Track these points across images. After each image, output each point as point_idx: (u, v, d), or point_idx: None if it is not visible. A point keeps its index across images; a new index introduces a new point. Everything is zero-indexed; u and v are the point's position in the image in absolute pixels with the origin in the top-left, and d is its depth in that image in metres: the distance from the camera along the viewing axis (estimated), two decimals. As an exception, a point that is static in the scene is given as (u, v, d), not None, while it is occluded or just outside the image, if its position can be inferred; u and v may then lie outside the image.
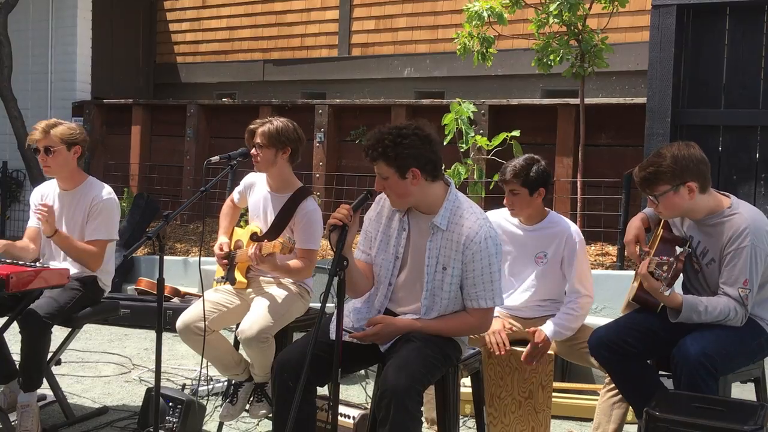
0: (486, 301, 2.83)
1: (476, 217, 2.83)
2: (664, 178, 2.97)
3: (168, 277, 3.47)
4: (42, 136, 3.84)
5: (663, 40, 5.84)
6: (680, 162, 2.97)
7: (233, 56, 9.85)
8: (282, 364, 2.84)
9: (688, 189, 2.97)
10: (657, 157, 3.02)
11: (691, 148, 3.02)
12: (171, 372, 4.88)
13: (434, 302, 2.86)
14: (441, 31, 8.36)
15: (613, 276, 5.71)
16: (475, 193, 5.89)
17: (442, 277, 2.83)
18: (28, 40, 9.51)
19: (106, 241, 3.89)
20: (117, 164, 9.11)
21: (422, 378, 2.67)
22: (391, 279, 2.94)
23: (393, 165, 2.75)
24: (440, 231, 2.83)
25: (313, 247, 3.60)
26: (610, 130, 6.77)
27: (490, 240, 2.80)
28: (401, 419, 2.56)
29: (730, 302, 2.93)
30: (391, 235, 2.94)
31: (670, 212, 3.07)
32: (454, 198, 2.87)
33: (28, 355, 3.60)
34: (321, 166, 7.86)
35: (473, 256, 2.78)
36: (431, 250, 2.84)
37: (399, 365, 2.67)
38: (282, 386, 2.80)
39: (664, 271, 2.87)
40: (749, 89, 5.79)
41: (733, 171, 5.80)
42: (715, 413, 2.56)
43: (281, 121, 3.65)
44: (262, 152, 3.59)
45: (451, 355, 2.89)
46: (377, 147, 2.76)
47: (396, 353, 2.77)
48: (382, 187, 2.82)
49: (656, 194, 3.00)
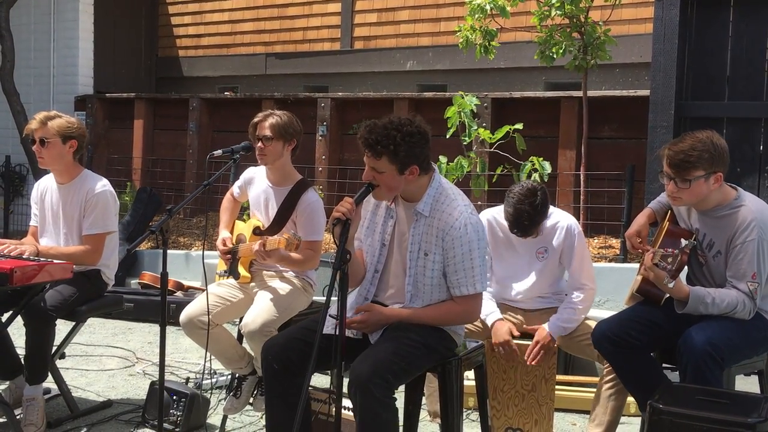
0: (467, 288, 2.82)
1: (457, 204, 2.83)
2: (703, 164, 2.91)
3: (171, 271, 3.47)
4: (39, 126, 3.82)
5: (666, 31, 5.82)
6: (718, 149, 2.93)
7: (235, 50, 9.85)
8: (267, 349, 2.89)
9: (715, 178, 2.95)
10: (694, 140, 2.94)
11: (721, 138, 2.99)
12: (175, 365, 4.89)
13: (417, 289, 2.87)
14: (443, 24, 8.35)
15: (617, 269, 5.71)
16: (477, 186, 5.89)
17: (424, 263, 2.84)
18: (30, 35, 9.51)
19: (104, 235, 3.86)
20: (120, 158, 9.11)
21: (391, 365, 2.65)
22: (377, 266, 2.95)
23: (396, 162, 2.74)
24: (423, 217, 2.84)
25: (317, 239, 3.60)
26: (613, 122, 6.76)
27: (470, 227, 2.79)
28: (369, 405, 2.57)
29: (740, 295, 2.92)
30: (378, 222, 2.96)
31: (690, 199, 3.00)
32: (437, 185, 2.88)
33: (33, 347, 3.61)
34: (323, 160, 7.86)
35: (453, 242, 2.79)
36: (414, 236, 2.85)
37: (366, 354, 2.69)
38: (267, 370, 2.86)
39: (669, 263, 2.86)
40: (753, 81, 5.78)
41: (737, 163, 5.78)
42: (719, 406, 2.56)
43: (285, 114, 3.64)
44: (271, 145, 3.56)
45: (436, 345, 2.86)
46: (387, 144, 2.71)
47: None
48: (371, 178, 2.79)
49: (690, 178, 2.92)
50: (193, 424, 3.75)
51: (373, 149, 2.74)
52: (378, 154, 2.73)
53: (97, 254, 3.85)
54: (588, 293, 3.55)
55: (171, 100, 9.25)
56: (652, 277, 2.95)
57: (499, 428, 3.58)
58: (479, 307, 2.94)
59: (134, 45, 10.21)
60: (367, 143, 2.75)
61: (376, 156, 2.74)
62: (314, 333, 2.64)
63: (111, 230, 3.91)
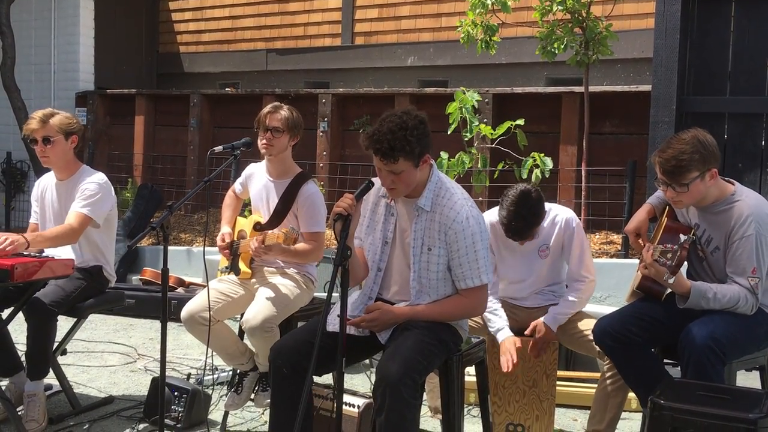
0: (473, 280, 2.82)
1: (457, 198, 2.84)
2: (695, 165, 2.91)
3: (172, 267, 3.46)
4: (40, 126, 3.78)
5: (668, 27, 5.80)
6: (706, 147, 2.93)
7: (236, 45, 9.84)
8: (276, 352, 2.88)
9: (710, 175, 2.95)
10: (680, 143, 2.94)
11: (706, 134, 2.99)
12: (176, 362, 4.89)
13: (422, 285, 2.87)
14: (444, 20, 8.33)
15: (618, 264, 5.71)
16: (479, 182, 5.88)
17: (428, 258, 2.84)
18: (31, 31, 9.51)
19: (90, 219, 3.75)
20: (121, 155, 9.11)
21: (417, 365, 2.66)
22: (380, 264, 2.95)
23: (413, 158, 2.73)
24: (425, 212, 2.85)
25: (319, 230, 3.59)
26: (615, 118, 6.75)
27: (473, 219, 2.80)
28: (397, 407, 2.57)
29: (741, 290, 2.92)
30: (378, 221, 2.96)
31: (691, 201, 3.00)
32: (436, 179, 2.88)
33: (34, 343, 3.61)
34: (324, 156, 7.85)
35: (456, 236, 2.79)
36: (416, 231, 2.85)
37: (393, 353, 2.69)
38: (277, 373, 2.85)
39: (668, 258, 2.86)
40: (755, 76, 5.76)
41: (739, 159, 5.77)
42: (720, 401, 2.56)
43: (292, 108, 3.65)
44: (279, 137, 3.56)
45: (448, 341, 2.87)
46: (401, 146, 2.68)
47: (393, 342, 2.78)
48: (390, 182, 2.77)
49: (686, 182, 2.93)
50: (195, 420, 3.75)
51: (389, 155, 2.71)
52: (395, 159, 2.71)
53: (74, 235, 3.72)
54: (588, 285, 3.57)
55: (172, 96, 9.25)
56: (652, 274, 2.95)
57: (500, 424, 3.58)
58: (485, 299, 2.95)
59: (135, 41, 10.20)
60: (382, 152, 2.71)
61: (393, 161, 2.72)
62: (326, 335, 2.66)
63: (94, 218, 3.77)
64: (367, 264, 2.98)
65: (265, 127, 3.57)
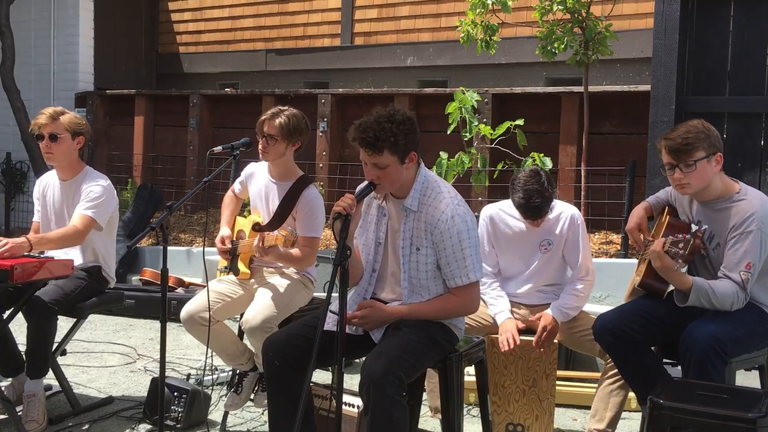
0: (461, 279, 2.83)
1: (443, 197, 2.84)
2: (702, 145, 2.94)
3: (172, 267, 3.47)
4: (49, 122, 3.80)
5: (667, 26, 5.80)
6: (712, 132, 2.98)
7: (236, 46, 9.84)
8: (268, 345, 2.91)
9: (716, 159, 2.97)
10: (689, 126, 2.99)
11: (711, 126, 3.03)
12: (176, 362, 4.89)
13: (413, 284, 2.88)
14: (444, 20, 8.33)
15: (618, 264, 5.71)
16: (478, 182, 5.88)
17: (417, 258, 2.85)
18: (31, 31, 9.51)
19: (94, 221, 3.77)
20: (120, 155, 9.11)
21: (403, 363, 2.66)
22: (374, 265, 2.96)
23: (398, 152, 2.75)
24: (412, 212, 2.86)
25: (315, 235, 3.60)
26: (614, 117, 6.75)
27: (458, 217, 2.80)
28: (382, 404, 2.57)
29: (734, 287, 2.93)
30: (370, 222, 2.97)
31: (698, 183, 2.99)
32: (423, 179, 2.89)
33: (34, 342, 3.61)
34: (324, 156, 7.85)
35: (442, 236, 2.80)
36: (405, 232, 2.87)
37: (379, 352, 2.70)
38: (270, 366, 2.88)
39: (680, 248, 2.85)
40: (754, 76, 5.77)
41: (738, 158, 5.77)
42: (719, 400, 2.56)
43: (293, 114, 3.62)
44: (274, 144, 3.55)
45: (440, 340, 2.87)
46: (386, 137, 2.72)
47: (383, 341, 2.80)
48: (375, 176, 2.80)
49: (693, 160, 2.94)
50: (195, 421, 3.75)
51: (373, 146, 2.73)
52: (379, 150, 2.73)
53: (80, 236, 3.74)
54: (589, 283, 3.59)
55: (171, 96, 9.25)
56: (658, 266, 2.93)
57: (500, 424, 3.58)
58: (478, 296, 2.95)
59: (134, 41, 10.20)
60: (366, 142, 2.74)
61: (377, 152, 2.74)
62: (315, 329, 2.65)
63: (98, 220, 3.78)
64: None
65: (262, 133, 3.58)
